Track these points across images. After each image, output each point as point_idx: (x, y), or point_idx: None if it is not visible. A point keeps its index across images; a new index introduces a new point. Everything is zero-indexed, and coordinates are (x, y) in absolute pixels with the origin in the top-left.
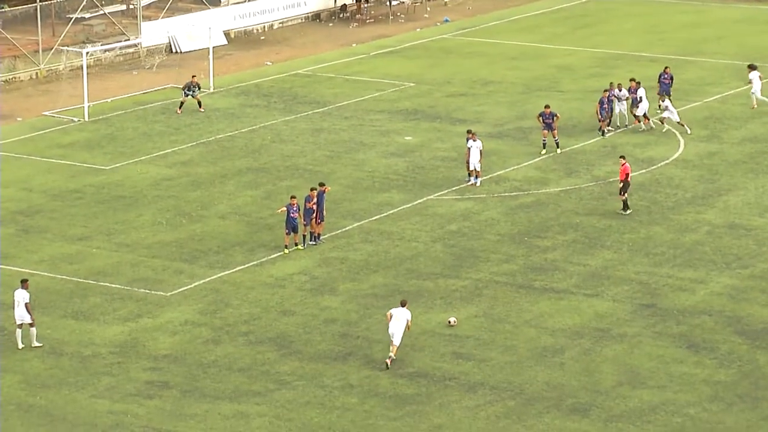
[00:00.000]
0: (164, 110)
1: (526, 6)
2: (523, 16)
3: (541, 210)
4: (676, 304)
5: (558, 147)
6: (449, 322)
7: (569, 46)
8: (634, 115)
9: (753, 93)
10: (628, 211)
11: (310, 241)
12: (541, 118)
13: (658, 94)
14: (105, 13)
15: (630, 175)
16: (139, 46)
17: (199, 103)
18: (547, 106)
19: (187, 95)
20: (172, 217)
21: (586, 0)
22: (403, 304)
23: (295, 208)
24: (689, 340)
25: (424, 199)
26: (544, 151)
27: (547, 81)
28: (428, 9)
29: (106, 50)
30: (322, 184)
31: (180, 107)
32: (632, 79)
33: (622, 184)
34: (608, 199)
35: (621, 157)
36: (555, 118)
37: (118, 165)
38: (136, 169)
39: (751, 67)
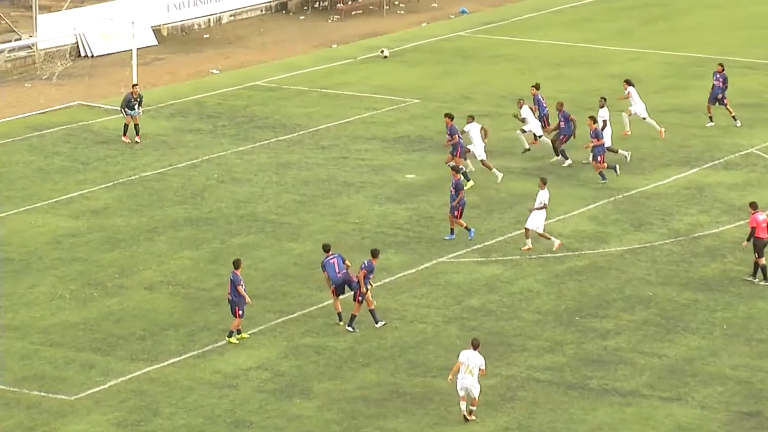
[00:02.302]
0: (69, 138)
1: None
2: (569, 6)
3: (598, 278)
4: None
5: (563, 157)
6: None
7: (634, 47)
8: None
9: (635, 114)
10: (758, 280)
11: (348, 326)
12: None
13: (709, 102)
14: None
15: (760, 227)
16: (35, 48)
17: (136, 129)
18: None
19: (131, 114)
20: (79, 288)
21: None
22: (475, 346)
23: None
24: None
25: (434, 261)
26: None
27: (604, 96)
28: None
29: None
30: (375, 254)
31: (125, 132)
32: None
33: (751, 239)
34: (693, 263)
35: (750, 204)
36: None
37: (1, 215)
38: (29, 221)
39: (628, 83)
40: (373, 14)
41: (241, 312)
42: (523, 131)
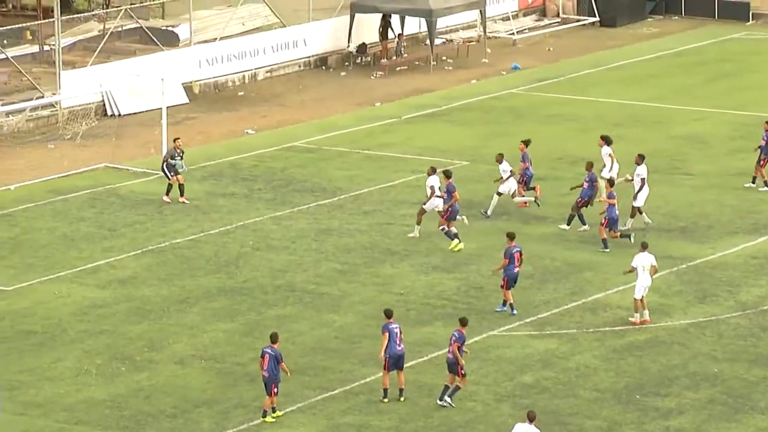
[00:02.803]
0: (95, 202)
1: (635, 47)
2: (629, 62)
3: (660, 353)
4: None
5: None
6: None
7: (700, 106)
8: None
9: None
10: None
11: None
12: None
13: (758, 164)
14: (7, 57)
15: None
16: (58, 107)
17: (181, 189)
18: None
19: (174, 171)
20: (106, 362)
21: (726, 38)
22: (531, 419)
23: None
24: None
25: (484, 335)
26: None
27: (668, 159)
28: (488, 51)
29: (8, 113)
30: (464, 323)
31: (168, 192)
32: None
33: None
34: (761, 337)
35: None
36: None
37: (24, 284)
38: (53, 291)
39: (606, 141)
40: (419, 70)
41: (276, 389)
42: (499, 193)
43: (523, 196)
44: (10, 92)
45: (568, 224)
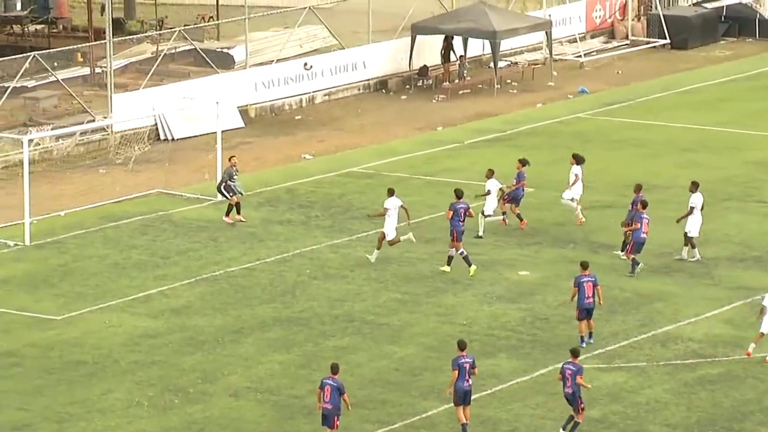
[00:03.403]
0: (147, 229)
1: (706, 70)
2: (701, 85)
3: (733, 387)
4: None
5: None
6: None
7: None
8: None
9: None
10: None
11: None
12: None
13: None
14: (58, 80)
15: None
16: (110, 131)
17: (237, 207)
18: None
19: (231, 192)
20: (158, 394)
21: None
22: None
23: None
24: None
25: (550, 368)
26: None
27: (741, 185)
28: (554, 74)
29: (58, 137)
30: (575, 354)
31: (228, 213)
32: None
33: None
34: None
35: None
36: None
37: (74, 314)
38: (103, 320)
39: (577, 160)
40: (482, 94)
41: (337, 422)
42: (487, 215)
43: (504, 213)
44: (61, 116)
45: (622, 250)
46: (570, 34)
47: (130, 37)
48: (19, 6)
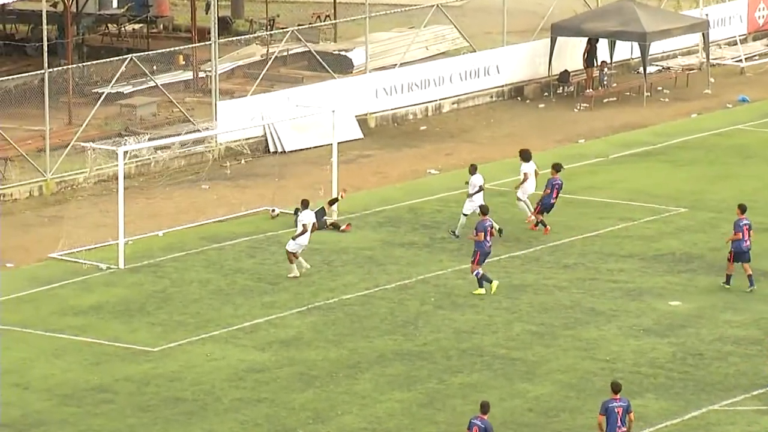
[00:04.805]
0: (254, 251)
1: None
2: None
3: None
4: None
5: None
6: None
7: None
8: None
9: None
10: None
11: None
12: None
13: None
14: (157, 85)
15: None
16: (214, 142)
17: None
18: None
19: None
20: None
21: None
22: None
23: None
24: None
25: (704, 410)
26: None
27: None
28: (711, 80)
29: (157, 148)
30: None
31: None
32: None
33: None
34: None
35: None
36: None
37: (172, 345)
38: (205, 352)
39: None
40: (630, 102)
41: None
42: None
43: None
44: (160, 125)
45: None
46: (729, 36)
47: (238, 38)
48: (115, 4)
